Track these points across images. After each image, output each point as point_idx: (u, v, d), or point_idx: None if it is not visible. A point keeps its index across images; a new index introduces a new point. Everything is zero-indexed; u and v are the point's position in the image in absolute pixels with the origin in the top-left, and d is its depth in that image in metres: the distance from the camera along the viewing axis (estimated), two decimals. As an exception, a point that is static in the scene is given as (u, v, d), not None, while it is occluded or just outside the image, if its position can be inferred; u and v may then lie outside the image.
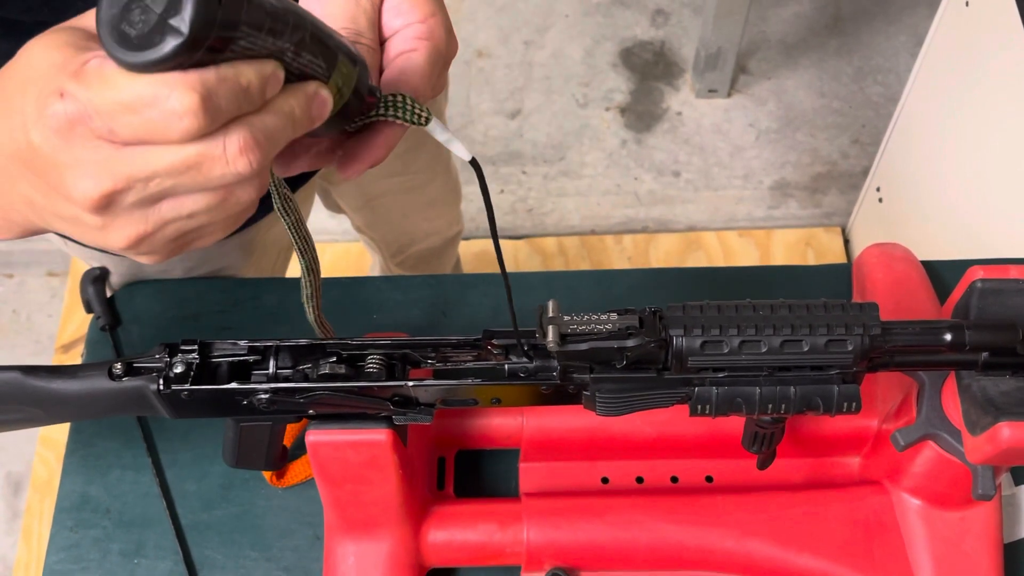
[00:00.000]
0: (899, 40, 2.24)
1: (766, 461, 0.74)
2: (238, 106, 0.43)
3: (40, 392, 0.65)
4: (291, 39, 0.45)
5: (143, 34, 0.40)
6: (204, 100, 0.41)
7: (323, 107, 0.48)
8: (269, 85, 0.44)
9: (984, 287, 0.65)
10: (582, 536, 0.77)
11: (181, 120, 0.41)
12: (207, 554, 0.82)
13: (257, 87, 0.43)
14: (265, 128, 0.44)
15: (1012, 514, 0.82)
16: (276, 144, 0.46)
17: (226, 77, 0.42)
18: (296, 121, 0.46)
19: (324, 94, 0.48)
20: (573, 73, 2.21)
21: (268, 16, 0.43)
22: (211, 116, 0.42)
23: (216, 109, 0.42)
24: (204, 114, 0.41)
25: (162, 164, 0.43)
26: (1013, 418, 0.60)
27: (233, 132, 0.43)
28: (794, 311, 0.61)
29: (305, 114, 0.47)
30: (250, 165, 0.44)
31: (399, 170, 1.18)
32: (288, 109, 0.46)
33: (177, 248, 0.49)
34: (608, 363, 0.62)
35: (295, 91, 0.46)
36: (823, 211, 2.04)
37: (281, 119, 0.45)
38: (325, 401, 0.65)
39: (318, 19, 0.48)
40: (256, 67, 0.43)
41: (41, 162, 0.44)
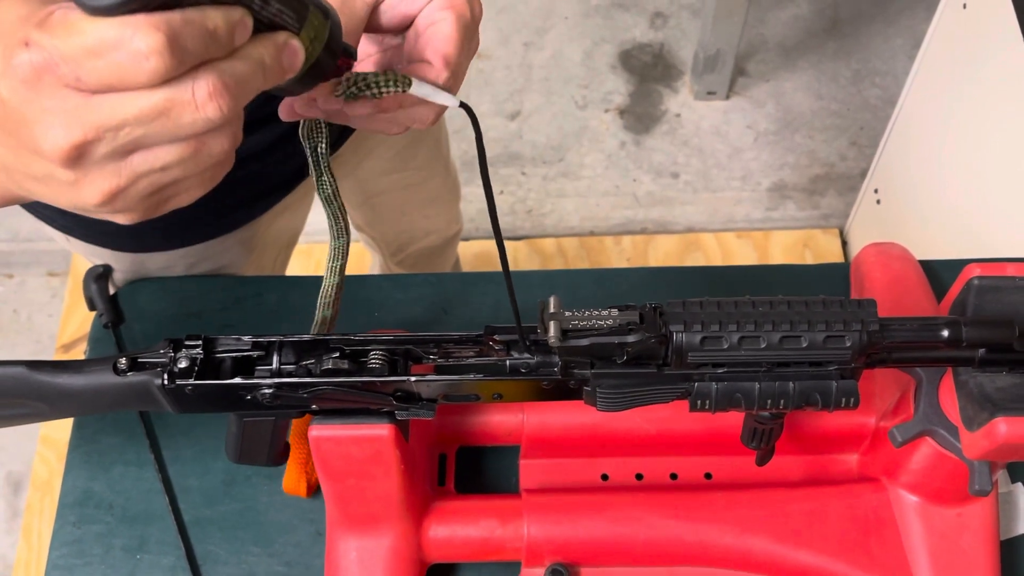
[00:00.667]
0: (897, 43, 2.25)
1: (765, 457, 0.74)
2: (205, 49, 0.43)
3: (45, 387, 0.66)
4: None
5: None
6: (170, 40, 0.41)
7: (294, 57, 0.48)
8: (237, 31, 0.44)
9: (981, 284, 0.65)
10: (582, 532, 0.77)
11: (147, 60, 0.41)
12: (209, 549, 0.82)
13: (224, 31, 0.43)
14: (234, 73, 0.44)
15: (1008, 511, 0.83)
16: (247, 91, 0.45)
17: (192, 20, 0.42)
18: (267, 69, 0.46)
19: (295, 44, 0.48)
20: (572, 75, 2.22)
21: None
22: (178, 58, 0.41)
23: (182, 51, 0.41)
24: (170, 55, 0.41)
25: (131, 111, 0.42)
26: (1009, 414, 0.61)
27: (201, 76, 0.43)
28: (793, 307, 0.62)
29: (276, 63, 0.47)
30: (220, 110, 0.43)
31: (398, 167, 1.18)
32: (258, 56, 0.45)
33: (153, 206, 0.48)
34: (609, 359, 0.63)
35: (265, 40, 0.46)
36: (821, 213, 2.05)
37: (251, 65, 0.45)
38: (328, 396, 0.65)
39: None
40: (223, 12, 0.43)
41: (10, 117, 0.43)
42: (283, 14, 0.48)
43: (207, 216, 0.93)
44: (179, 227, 0.93)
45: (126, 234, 0.91)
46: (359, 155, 1.09)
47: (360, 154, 1.09)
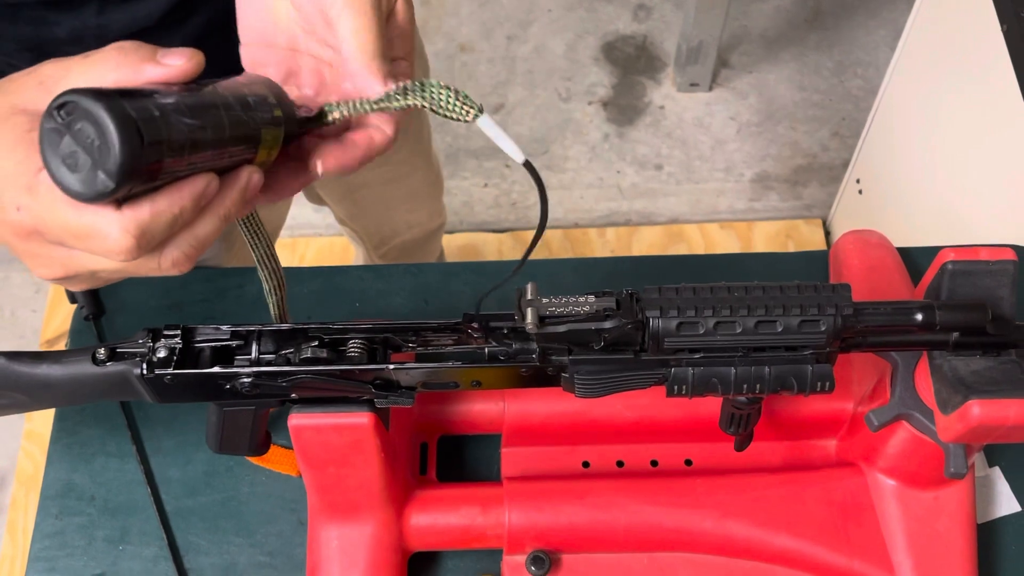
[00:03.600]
0: (879, 34, 2.26)
1: (743, 443, 0.75)
2: (171, 232, 0.48)
3: (24, 377, 0.66)
4: (214, 144, 0.48)
5: (81, 171, 0.44)
6: (138, 239, 0.46)
7: (256, 188, 0.52)
8: (204, 198, 0.48)
9: (955, 268, 0.66)
10: (563, 519, 0.78)
11: (117, 255, 0.47)
12: (191, 540, 0.82)
13: (191, 209, 0.48)
14: (197, 240, 0.50)
15: (985, 495, 0.84)
16: (210, 242, 0.50)
17: (160, 212, 0.46)
18: (232, 216, 0.51)
19: (256, 179, 0.51)
20: (556, 67, 2.22)
21: (189, 136, 0.46)
22: (145, 248, 0.47)
23: (150, 242, 0.47)
24: (138, 250, 0.47)
25: (105, 268, 0.49)
26: (983, 396, 0.62)
27: (168, 253, 0.49)
28: (768, 293, 0.62)
29: (241, 206, 0.51)
30: (181, 271, 0.50)
31: (380, 161, 1.17)
32: (224, 213, 0.50)
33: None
34: (586, 345, 0.63)
35: (229, 190, 0.50)
36: (804, 203, 2.06)
37: (216, 222, 0.50)
38: (307, 385, 0.65)
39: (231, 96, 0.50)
40: (190, 189, 0.47)
41: (10, 245, 0.51)
42: (240, 150, 0.51)
43: None
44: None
45: None
46: None
47: None
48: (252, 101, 0.52)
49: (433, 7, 2.28)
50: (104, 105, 0.43)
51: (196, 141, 0.47)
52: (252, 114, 0.51)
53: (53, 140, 0.45)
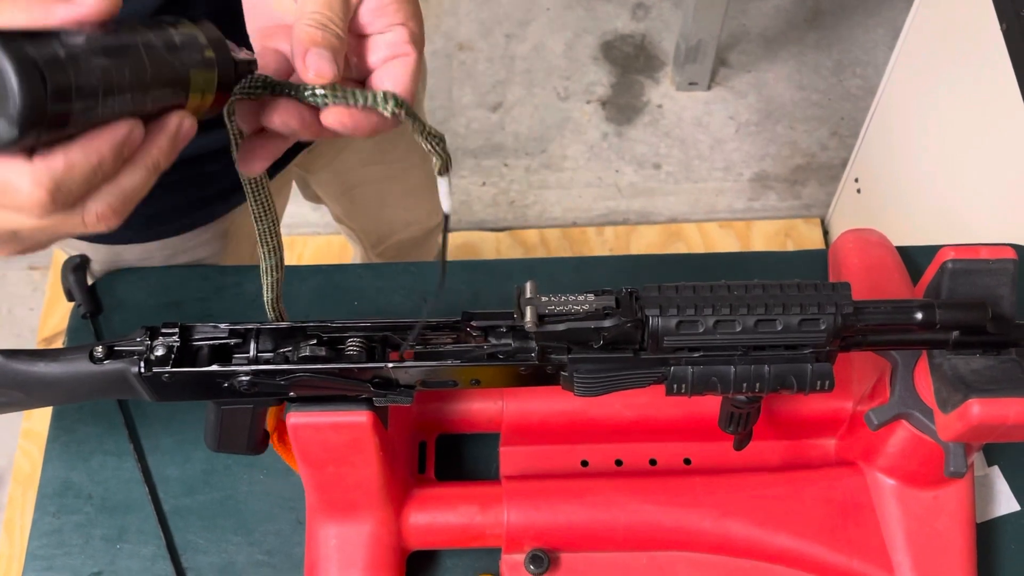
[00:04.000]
0: (878, 33, 2.26)
1: (742, 442, 0.75)
2: (91, 184, 0.44)
3: (22, 375, 0.66)
4: (134, 87, 0.45)
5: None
6: (52, 193, 0.43)
7: (188, 134, 0.48)
8: (126, 147, 0.45)
9: (955, 267, 0.66)
10: (562, 518, 0.78)
11: (31, 209, 0.43)
12: (189, 539, 0.82)
13: (111, 159, 0.44)
14: (123, 193, 0.46)
15: (984, 494, 0.83)
16: (140, 195, 0.47)
17: (75, 164, 0.43)
18: (161, 166, 0.47)
19: (187, 124, 0.48)
20: (554, 66, 2.22)
21: (102, 78, 0.43)
22: (61, 204, 0.44)
23: (67, 195, 0.43)
24: (52, 204, 0.43)
25: (23, 225, 0.45)
26: (983, 395, 0.62)
27: (91, 205, 0.45)
28: (768, 291, 0.62)
29: (171, 154, 0.48)
30: (108, 226, 0.46)
31: (376, 159, 1.18)
32: (151, 163, 0.47)
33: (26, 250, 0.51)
34: (585, 343, 0.63)
35: (156, 136, 0.47)
36: (802, 203, 2.06)
37: (144, 173, 0.47)
38: (306, 383, 0.65)
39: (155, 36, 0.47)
40: (109, 136, 0.44)
41: None
42: (167, 95, 0.47)
43: (183, 209, 0.93)
44: (156, 220, 0.92)
45: None
46: (336, 147, 1.09)
47: (337, 146, 1.09)
48: (179, 41, 0.48)
49: (431, 6, 2.28)
50: (2, 49, 0.40)
51: (111, 85, 0.43)
52: (179, 55, 0.48)
53: None
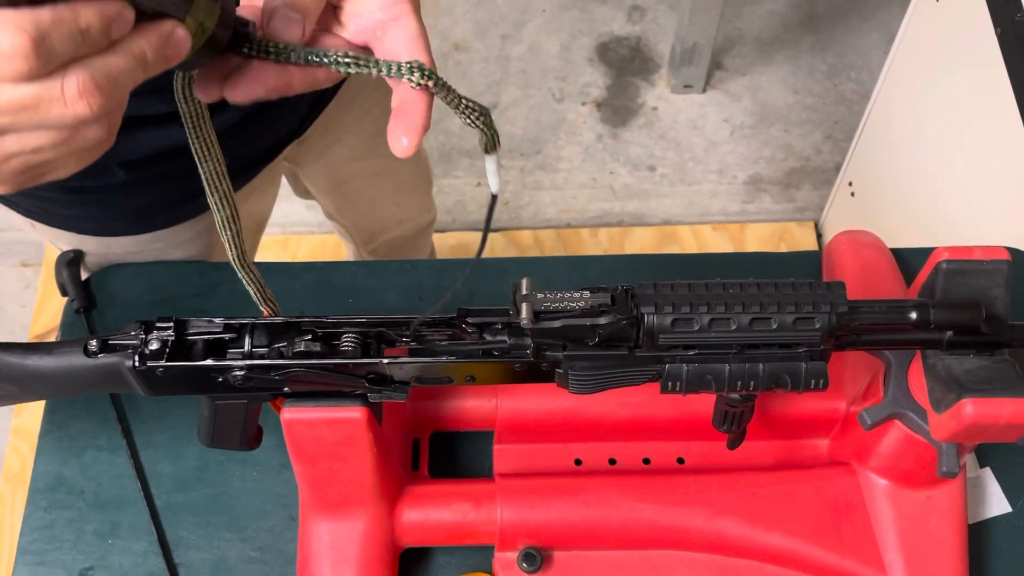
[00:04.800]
0: (872, 37, 2.26)
1: (736, 441, 0.75)
2: (76, 48, 0.42)
3: (15, 369, 0.65)
4: None
5: None
6: (35, 42, 0.40)
7: (180, 47, 0.47)
8: (115, 25, 0.43)
9: (949, 267, 0.66)
10: (555, 516, 0.78)
11: (11, 61, 0.41)
12: (182, 535, 0.82)
13: (99, 28, 0.43)
14: (109, 70, 0.44)
15: (976, 495, 0.84)
16: (123, 86, 0.45)
17: (62, 18, 0.41)
18: (148, 63, 0.46)
19: (181, 33, 0.47)
20: (550, 67, 2.22)
21: None
22: (44, 58, 0.41)
23: (50, 52, 0.41)
24: (35, 56, 0.41)
25: (8, 66, 0.42)
26: (976, 395, 0.62)
27: (72, 74, 0.43)
28: (763, 290, 0.62)
29: (159, 55, 0.46)
30: (90, 108, 0.43)
31: (367, 154, 1.17)
32: (138, 51, 0.45)
33: (27, 180, 0.48)
34: (581, 341, 0.63)
35: (147, 31, 0.45)
36: (796, 206, 2.06)
37: (128, 61, 0.45)
38: (300, 379, 0.65)
39: None
40: (99, 6, 0.42)
41: None
42: (167, 1, 0.46)
43: (172, 202, 0.93)
44: (146, 212, 0.92)
45: (88, 218, 0.90)
46: (326, 140, 1.09)
47: (327, 139, 1.09)
48: None
49: (427, 6, 2.28)
50: None
51: None
52: None
53: None
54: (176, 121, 0.83)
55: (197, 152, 0.59)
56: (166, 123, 0.80)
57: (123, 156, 0.82)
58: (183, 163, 0.87)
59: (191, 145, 0.59)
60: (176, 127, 0.83)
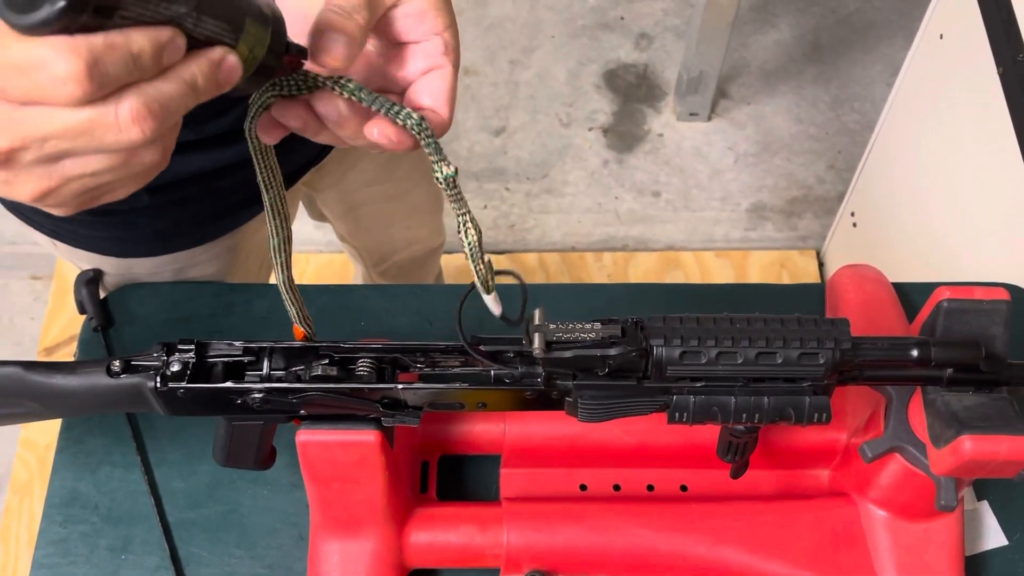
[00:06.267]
0: (875, 70, 2.29)
1: (739, 470, 0.76)
2: (129, 73, 0.43)
3: (39, 387, 0.67)
4: (189, 3, 0.45)
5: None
6: (89, 67, 0.41)
7: (231, 73, 0.48)
8: (166, 52, 0.44)
9: (950, 306, 0.68)
10: (560, 540, 0.79)
11: (65, 85, 0.41)
12: (193, 551, 0.84)
13: (150, 54, 0.43)
14: (161, 96, 0.44)
15: (974, 528, 0.85)
16: (175, 111, 0.46)
17: (115, 44, 0.42)
18: (199, 89, 0.46)
19: (232, 60, 0.48)
20: (557, 93, 2.24)
21: None
22: (98, 83, 0.42)
23: (103, 76, 0.42)
24: (89, 80, 0.41)
25: (54, 127, 0.43)
26: (975, 431, 0.63)
27: (125, 100, 0.43)
28: (769, 325, 0.64)
29: (210, 81, 0.47)
30: (143, 133, 0.44)
31: (381, 178, 1.20)
32: (189, 77, 0.46)
33: (87, 202, 0.49)
34: (591, 370, 0.65)
35: (198, 58, 0.46)
36: (798, 234, 2.08)
37: (180, 86, 0.45)
38: (316, 402, 0.67)
39: None
40: (150, 34, 0.43)
41: None
42: (219, 28, 0.47)
43: (193, 225, 0.95)
44: (166, 234, 0.94)
45: (112, 240, 0.92)
46: (343, 166, 1.11)
47: (344, 165, 1.11)
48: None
49: (437, 30, 2.30)
50: None
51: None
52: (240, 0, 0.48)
53: None
54: (199, 148, 0.85)
55: (263, 181, 0.61)
56: (190, 151, 0.83)
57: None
58: (204, 188, 0.90)
59: (258, 175, 0.60)
60: (199, 154, 0.85)
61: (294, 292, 0.68)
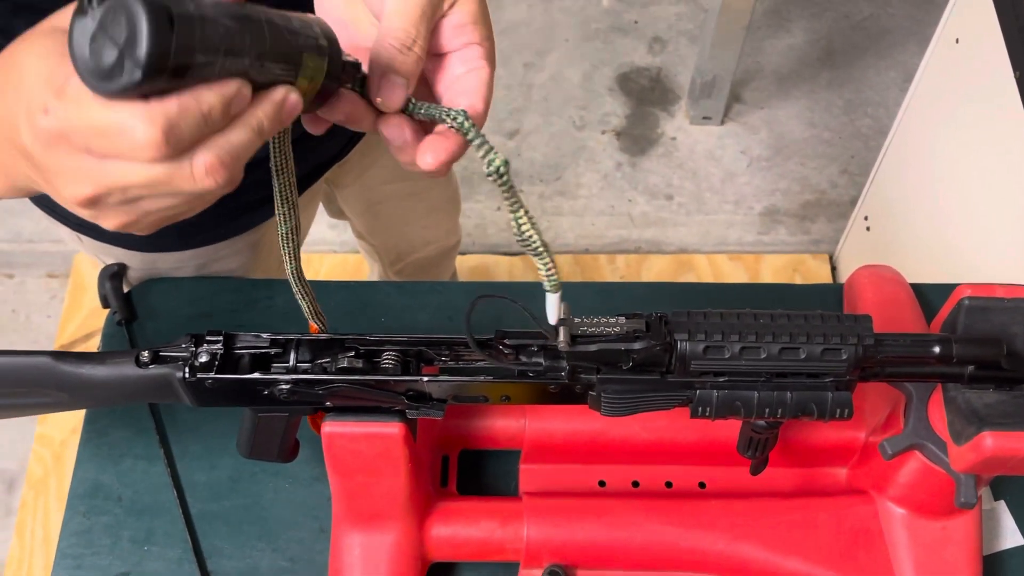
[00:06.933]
0: (889, 75, 2.29)
1: (759, 466, 0.77)
2: (201, 132, 0.47)
3: (68, 377, 0.68)
4: (252, 53, 0.47)
5: (109, 64, 0.43)
6: (166, 133, 0.45)
7: (294, 110, 0.50)
8: (234, 104, 0.47)
9: (971, 304, 0.68)
10: (580, 535, 0.80)
11: (144, 150, 0.45)
12: (215, 543, 0.84)
13: (220, 111, 0.47)
14: (231, 147, 0.48)
15: (991, 527, 0.86)
16: (244, 156, 0.49)
17: (188, 107, 0.45)
18: (265, 132, 0.49)
19: (293, 98, 0.50)
20: (571, 96, 2.25)
21: (225, 38, 0.45)
22: (173, 145, 0.45)
23: (179, 138, 0.45)
24: (166, 145, 0.45)
25: (135, 178, 0.47)
26: (996, 428, 0.64)
27: (199, 155, 0.47)
28: (792, 321, 0.64)
29: (275, 122, 0.50)
30: (216, 183, 0.48)
31: (400, 176, 1.21)
32: (256, 124, 0.49)
33: (160, 225, 0.53)
34: (615, 365, 0.65)
35: (263, 102, 0.49)
36: (811, 238, 2.09)
37: (248, 133, 0.48)
38: (342, 394, 0.68)
39: (277, 17, 0.49)
40: (219, 90, 0.46)
41: (38, 166, 0.49)
42: (279, 70, 0.49)
43: (217, 220, 0.96)
44: (190, 230, 0.95)
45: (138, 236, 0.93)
46: (364, 163, 1.12)
47: (366, 162, 1.12)
48: (298, 26, 0.50)
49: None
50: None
51: (233, 46, 0.46)
52: (296, 37, 0.50)
53: (82, 32, 0.43)
54: None
55: (276, 165, 0.62)
56: None
57: None
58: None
59: (271, 159, 0.62)
60: None
61: (304, 284, 0.69)
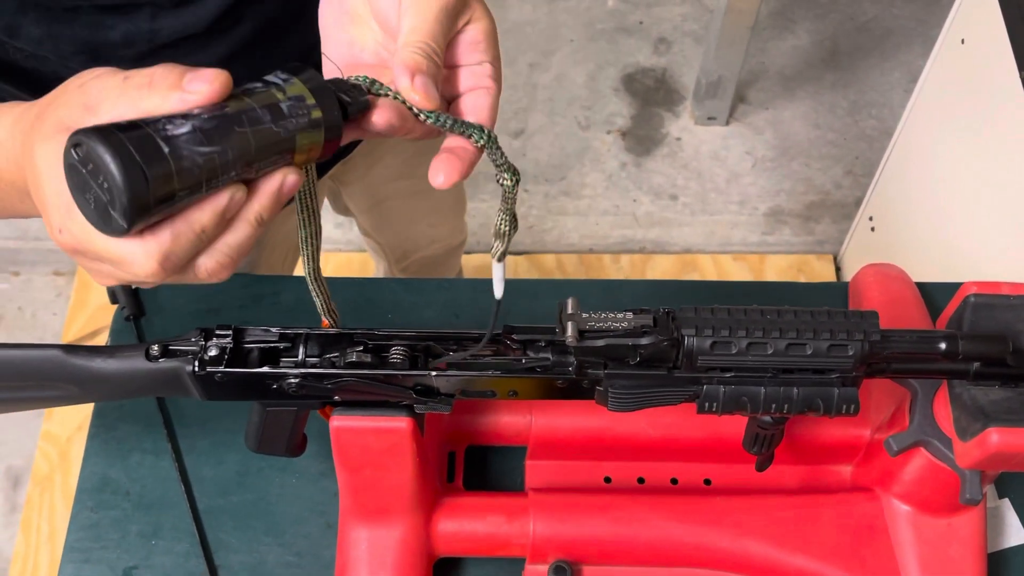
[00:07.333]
0: (894, 76, 2.30)
1: (764, 463, 0.77)
2: (197, 249, 0.49)
3: (79, 370, 0.68)
4: (239, 164, 0.48)
5: (100, 212, 0.47)
6: (162, 262, 0.48)
7: (293, 188, 0.52)
8: (228, 211, 0.49)
9: (977, 301, 0.69)
10: (585, 531, 0.80)
11: (147, 277, 0.49)
12: (222, 538, 0.85)
13: (214, 224, 0.49)
14: (230, 248, 0.50)
15: (996, 525, 0.86)
16: (247, 248, 0.51)
17: (181, 234, 0.48)
18: (265, 221, 0.51)
19: (292, 179, 0.52)
20: (576, 96, 2.25)
21: (205, 166, 0.47)
22: (173, 269, 0.49)
23: (176, 264, 0.49)
24: (164, 271, 0.49)
25: (147, 280, 0.51)
26: (1001, 424, 0.64)
27: (200, 263, 0.50)
28: (799, 317, 0.65)
29: (274, 209, 0.51)
30: (222, 279, 0.51)
31: (406, 173, 1.21)
32: (254, 218, 0.51)
33: None
34: (622, 360, 0.66)
35: (260, 194, 0.51)
36: (816, 239, 2.09)
37: (247, 228, 0.51)
38: (351, 388, 0.68)
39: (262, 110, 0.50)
40: (211, 206, 0.49)
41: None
42: (272, 161, 0.50)
43: None
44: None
45: None
46: (369, 160, 1.12)
47: (371, 160, 1.12)
48: (286, 109, 0.51)
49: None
50: (107, 149, 0.45)
51: (215, 170, 0.48)
52: (285, 123, 0.50)
53: (74, 176, 0.47)
54: None
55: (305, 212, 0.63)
56: None
57: None
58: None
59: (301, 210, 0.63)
60: None
61: (321, 283, 0.69)
